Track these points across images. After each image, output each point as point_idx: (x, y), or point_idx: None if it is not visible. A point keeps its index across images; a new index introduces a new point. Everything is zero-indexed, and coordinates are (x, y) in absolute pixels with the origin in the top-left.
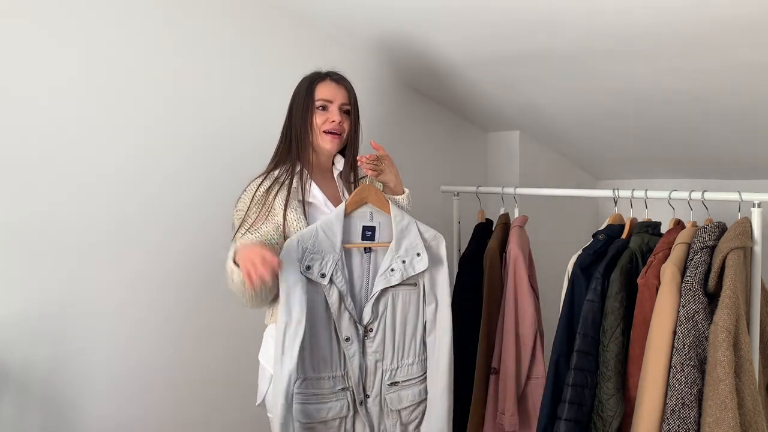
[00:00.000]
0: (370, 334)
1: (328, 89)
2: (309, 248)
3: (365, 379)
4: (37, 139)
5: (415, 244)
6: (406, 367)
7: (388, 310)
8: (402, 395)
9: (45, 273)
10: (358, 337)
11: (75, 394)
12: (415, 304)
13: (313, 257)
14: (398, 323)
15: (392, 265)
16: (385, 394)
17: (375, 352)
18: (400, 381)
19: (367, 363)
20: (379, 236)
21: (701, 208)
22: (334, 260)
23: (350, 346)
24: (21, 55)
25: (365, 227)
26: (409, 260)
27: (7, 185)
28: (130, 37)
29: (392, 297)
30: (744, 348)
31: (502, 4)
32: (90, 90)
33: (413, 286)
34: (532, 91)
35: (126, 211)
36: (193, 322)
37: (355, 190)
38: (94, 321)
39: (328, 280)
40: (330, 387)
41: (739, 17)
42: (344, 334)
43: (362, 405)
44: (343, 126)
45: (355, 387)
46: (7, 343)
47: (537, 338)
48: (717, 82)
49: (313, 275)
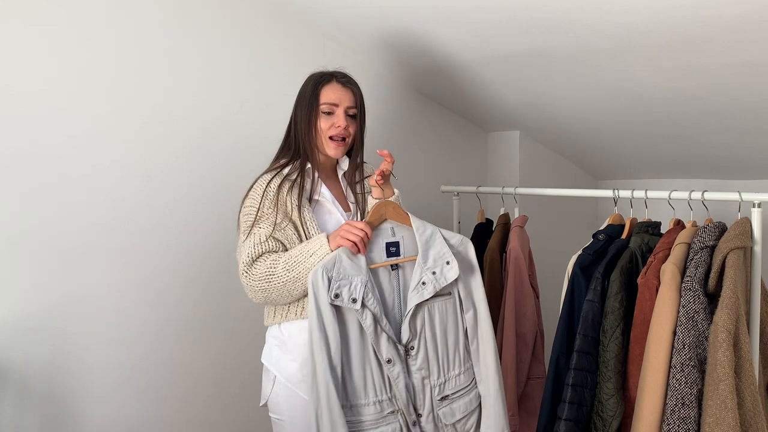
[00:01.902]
0: (412, 353)
1: (334, 92)
2: (334, 276)
3: (414, 399)
4: (37, 140)
5: (442, 253)
6: (454, 378)
7: (426, 325)
8: (454, 408)
9: (45, 273)
10: (400, 358)
11: (75, 394)
12: (453, 314)
13: (340, 284)
14: (439, 336)
15: (423, 278)
16: (437, 410)
17: (420, 369)
18: (450, 394)
19: (413, 382)
20: (404, 251)
21: (701, 208)
22: (363, 282)
23: (393, 367)
24: (21, 58)
25: (388, 244)
26: (440, 270)
27: (8, 186)
28: (130, 37)
29: (428, 311)
30: (744, 348)
31: (502, 4)
32: (91, 91)
33: (448, 295)
34: (533, 90)
35: (126, 212)
36: (193, 323)
37: (373, 208)
38: (94, 321)
39: (360, 304)
40: (376, 412)
41: (740, 17)
42: (385, 356)
43: (416, 425)
44: (349, 130)
45: (404, 408)
46: (7, 343)
47: (537, 338)
48: (717, 81)
49: (343, 302)
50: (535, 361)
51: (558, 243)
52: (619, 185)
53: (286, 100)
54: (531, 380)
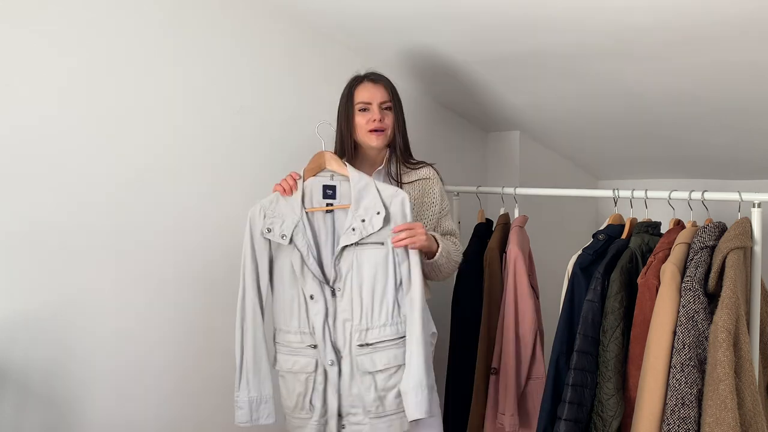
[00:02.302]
0: (338, 294)
1: (366, 91)
2: (268, 213)
3: (335, 339)
4: (37, 141)
5: (374, 203)
6: (378, 328)
7: (354, 270)
8: (375, 358)
9: (45, 273)
10: (324, 296)
11: (75, 394)
12: (383, 264)
13: (273, 221)
14: (365, 283)
15: (353, 224)
16: (356, 355)
17: (343, 311)
18: (373, 342)
19: (336, 323)
20: (340, 197)
21: (701, 208)
22: (294, 222)
23: (315, 304)
24: (21, 58)
25: (325, 186)
26: (369, 219)
27: (8, 186)
28: (130, 39)
29: (356, 256)
30: (744, 348)
31: (502, 4)
32: (90, 91)
33: (380, 245)
34: (533, 90)
35: (126, 212)
36: (193, 322)
37: (313, 157)
38: (94, 321)
39: (288, 240)
40: (298, 341)
41: (740, 16)
42: (308, 292)
43: (333, 365)
44: (386, 122)
45: (321, 344)
46: (7, 343)
47: (537, 338)
48: (717, 81)
49: (273, 237)
50: (534, 361)
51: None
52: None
53: (287, 101)
54: (531, 380)
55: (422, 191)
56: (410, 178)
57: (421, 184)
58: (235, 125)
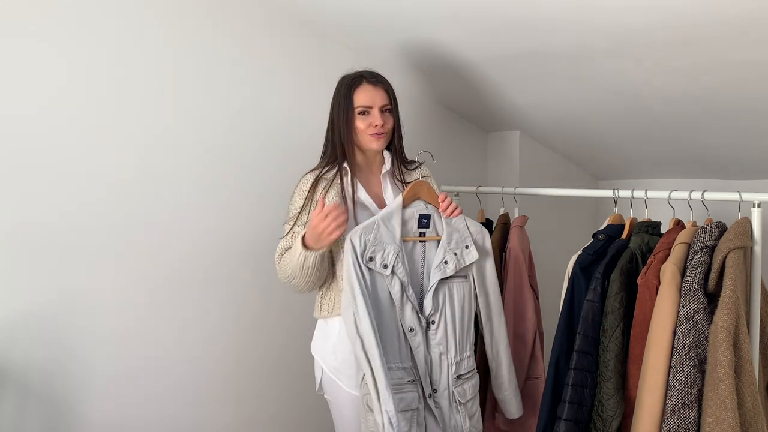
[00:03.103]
0: (433, 327)
1: (366, 94)
2: (370, 240)
3: (431, 372)
4: (37, 141)
5: (464, 237)
6: (466, 360)
7: (447, 302)
8: (466, 388)
9: (45, 273)
10: (422, 329)
11: (75, 394)
12: (469, 298)
13: (375, 249)
14: (457, 316)
15: (446, 257)
16: (453, 387)
17: (438, 344)
18: (463, 374)
19: (431, 356)
20: (433, 227)
21: (701, 208)
22: (395, 251)
23: (414, 337)
24: (21, 58)
25: (421, 215)
26: (460, 252)
27: (8, 186)
28: (130, 39)
29: (449, 289)
30: (744, 348)
31: (502, 4)
32: (90, 91)
33: (464, 278)
34: (533, 90)
35: (126, 212)
36: (194, 322)
37: (409, 186)
38: (94, 321)
39: (390, 270)
40: (400, 378)
41: (740, 16)
42: (408, 324)
43: (431, 398)
44: (387, 126)
45: (422, 379)
46: (7, 343)
47: (537, 338)
48: (717, 81)
49: (375, 266)
50: (534, 361)
51: (558, 243)
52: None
53: (286, 103)
54: (530, 380)
55: None
56: (411, 177)
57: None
58: (235, 124)
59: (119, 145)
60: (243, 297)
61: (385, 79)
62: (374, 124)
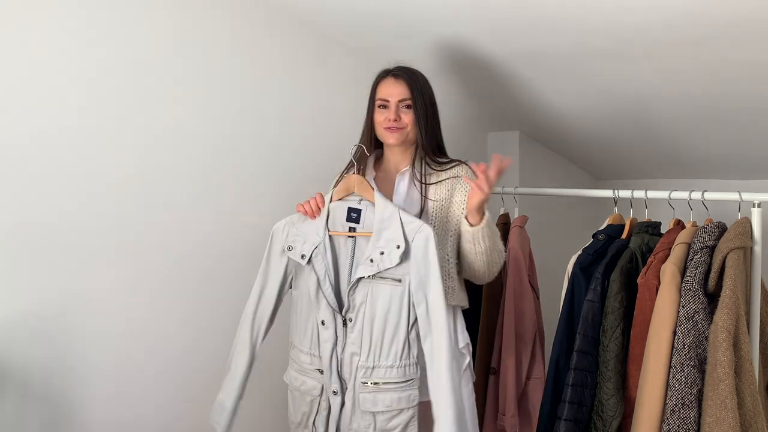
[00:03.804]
0: (350, 325)
1: (386, 87)
2: (293, 231)
3: (341, 369)
4: (37, 141)
5: (395, 236)
6: (385, 369)
7: (368, 304)
8: (378, 398)
9: (45, 273)
10: (335, 324)
11: (75, 394)
12: (398, 303)
13: (296, 239)
14: (377, 320)
15: (371, 255)
16: (359, 392)
17: (353, 343)
18: (379, 382)
19: (344, 354)
20: (364, 222)
21: (701, 208)
22: (314, 243)
23: (325, 330)
24: (21, 58)
25: (350, 209)
26: (388, 252)
27: (8, 186)
28: (130, 39)
29: (372, 290)
30: (744, 348)
31: (502, 4)
32: (90, 92)
33: (397, 282)
34: (533, 90)
35: (126, 211)
36: (193, 322)
37: (343, 180)
38: (94, 321)
39: (306, 261)
40: (308, 363)
41: (740, 16)
42: (320, 317)
43: (336, 395)
44: (403, 121)
45: (327, 372)
46: (7, 343)
47: (537, 338)
48: (717, 81)
49: (293, 255)
50: (534, 361)
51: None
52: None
53: (286, 104)
54: (530, 380)
55: (451, 190)
56: (439, 177)
57: (451, 183)
58: (235, 125)
59: (119, 145)
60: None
61: (410, 74)
62: (389, 118)
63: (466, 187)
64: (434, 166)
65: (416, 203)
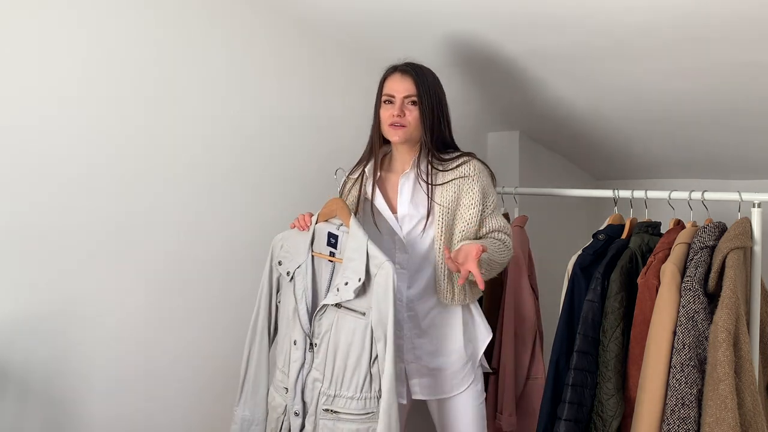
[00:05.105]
0: (315, 349)
1: (392, 83)
2: (285, 246)
3: (304, 392)
4: (37, 140)
5: (359, 268)
6: (345, 399)
7: (332, 332)
8: (337, 426)
9: (45, 273)
10: (304, 346)
11: (75, 394)
12: (361, 336)
13: (286, 255)
14: (340, 350)
15: (338, 284)
16: (320, 417)
17: (316, 369)
18: (339, 411)
19: (308, 378)
20: (341, 249)
21: (701, 208)
22: (298, 262)
23: (295, 350)
24: (20, 58)
25: (330, 233)
26: (350, 284)
27: (8, 185)
28: (132, 39)
29: (338, 319)
30: (744, 348)
31: (502, 4)
32: (89, 92)
33: (361, 315)
34: (533, 90)
35: (126, 211)
36: (194, 322)
37: (327, 203)
38: (94, 321)
39: (290, 279)
40: (280, 379)
41: (740, 16)
42: (294, 337)
43: (298, 416)
44: (407, 118)
45: (291, 392)
46: (7, 343)
47: (537, 338)
48: (717, 81)
49: (282, 270)
50: (534, 361)
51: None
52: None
53: (286, 101)
54: (530, 380)
55: (458, 192)
56: (445, 178)
57: (457, 184)
58: (235, 126)
59: (119, 145)
60: (244, 297)
61: (418, 70)
62: (393, 114)
63: (474, 187)
64: (439, 166)
65: (422, 206)
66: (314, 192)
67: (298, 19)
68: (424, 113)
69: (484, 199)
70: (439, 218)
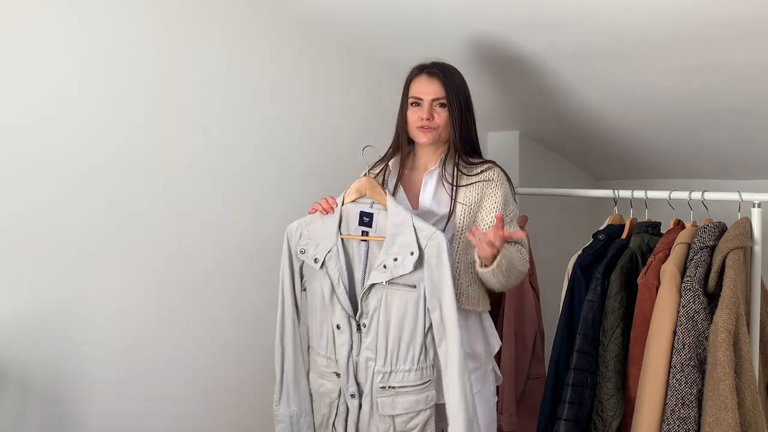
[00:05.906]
0: (363, 330)
1: (420, 85)
2: (305, 233)
3: (357, 374)
4: (37, 140)
5: (409, 242)
6: (402, 373)
7: (382, 310)
8: (397, 402)
9: (45, 273)
10: (350, 328)
11: (75, 394)
12: (414, 308)
13: (308, 242)
14: (393, 326)
15: (384, 261)
16: (377, 396)
17: (368, 348)
18: (396, 386)
19: (359, 359)
20: (377, 227)
21: (701, 208)
22: (327, 248)
23: (341, 335)
24: (19, 58)
25: (363, 212)
26: (401, 258)
27: (8, 185)
28: (133, 38)
29: (386, 296)
30: (744, 348)
31: (502, 4)
32: (89, 93)
33: (412, 288)
34: (533, 90)
35: (126, 211)
36: (193, 322)
37: (354, 183)
38: (94, 321)
39: (320, 265)
40: (325, 365)
41: (739, 16)
42: (335, 321)
43: (354, 398)
44: (436, 121)
45: (344, 376)
46: (7, 343)
47: (537, 338)
48: (717, 81)
49: (306, 258)
50: (534, 361)
51: (558, 243)
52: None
53: (286, 101)
54: (531, 380)
55: (481, 194)
56: (469, 180)
57: (481, 186)
58: (236, 126)
59: (119, 145)
60: (244, 297)
61: (445, 71)
62: (421, 117)
63: (497, 192)
64: (465, 169)
65: (444, 205)
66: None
67: (298, 19)
68: (453, 115)
69: (505, 206)
70: (460, 218)
